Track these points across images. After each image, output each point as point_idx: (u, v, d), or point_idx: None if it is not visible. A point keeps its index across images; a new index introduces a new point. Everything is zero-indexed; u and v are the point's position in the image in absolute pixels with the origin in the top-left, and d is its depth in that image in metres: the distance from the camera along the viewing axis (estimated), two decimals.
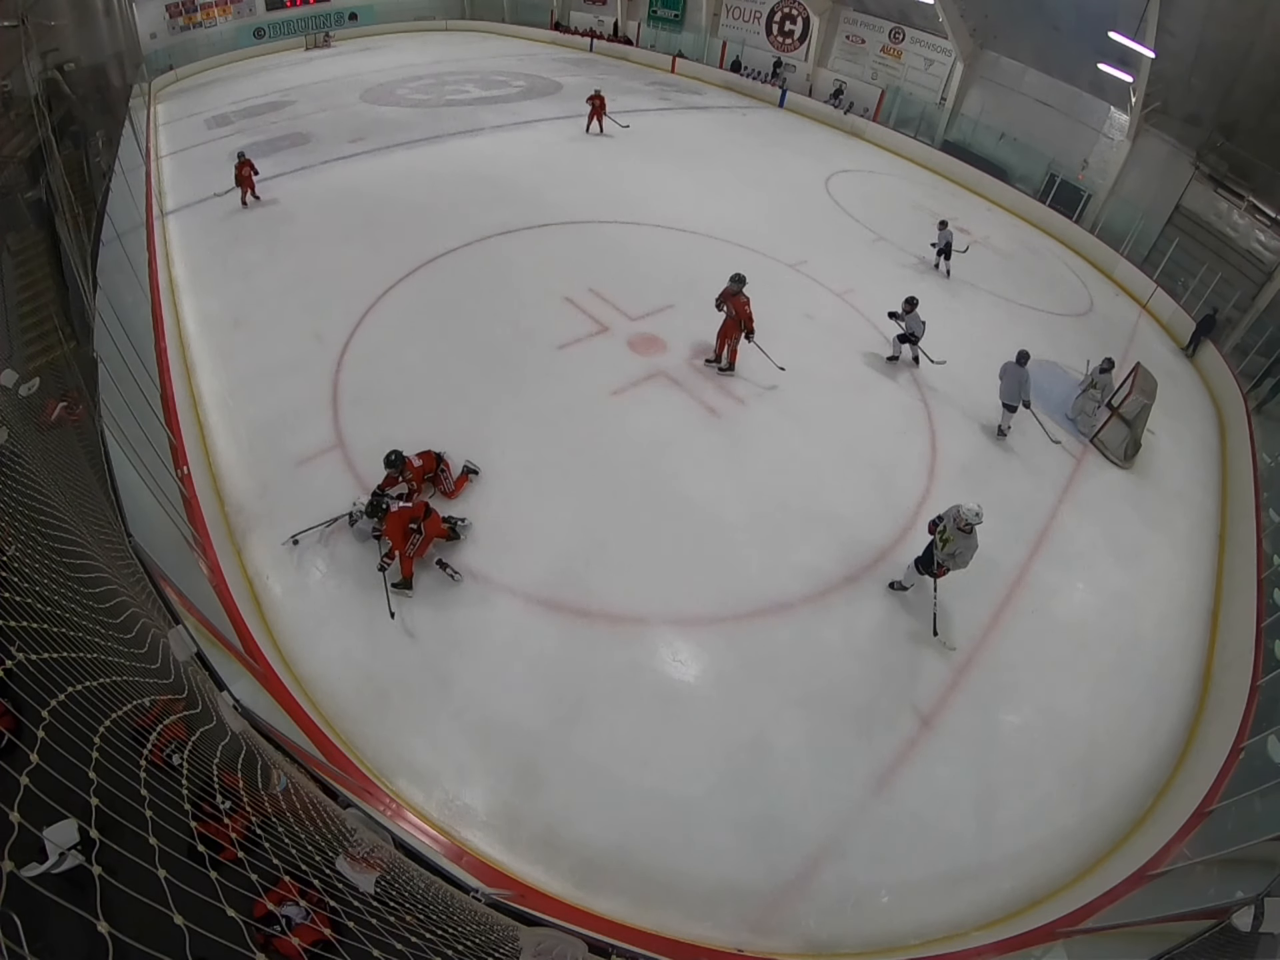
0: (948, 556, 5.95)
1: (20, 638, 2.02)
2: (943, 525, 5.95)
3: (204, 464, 7.12)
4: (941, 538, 5.94)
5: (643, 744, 5.27)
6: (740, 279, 8.72)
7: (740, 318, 8.66)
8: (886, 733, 5.58)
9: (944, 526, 5.92)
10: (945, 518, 5.96)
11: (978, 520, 5.70)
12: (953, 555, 5.93)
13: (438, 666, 5.62)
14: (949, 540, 5.88)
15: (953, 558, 5.95)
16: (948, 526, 5.88)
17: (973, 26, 17.74)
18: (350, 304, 9.63)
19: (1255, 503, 8.22)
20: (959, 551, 5.88)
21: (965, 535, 5.79)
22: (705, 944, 4.36)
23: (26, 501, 2.99)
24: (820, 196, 15.23)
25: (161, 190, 13.13)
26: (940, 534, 5.95)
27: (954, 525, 5.79)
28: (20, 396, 4.01)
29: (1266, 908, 3.09)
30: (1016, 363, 8.45)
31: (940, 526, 5.98)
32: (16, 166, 6.87)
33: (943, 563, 6.01)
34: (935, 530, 6.03)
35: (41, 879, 1.39)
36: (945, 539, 5.91)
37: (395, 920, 2.17)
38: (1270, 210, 12.42)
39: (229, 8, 24.38)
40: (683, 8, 24.81)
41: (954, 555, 5.92)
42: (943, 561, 6.00)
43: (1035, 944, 4.30)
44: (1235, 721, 5.67)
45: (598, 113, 16.71)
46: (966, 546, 5.85)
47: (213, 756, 2.57)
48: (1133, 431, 8.83)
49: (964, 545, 5.85)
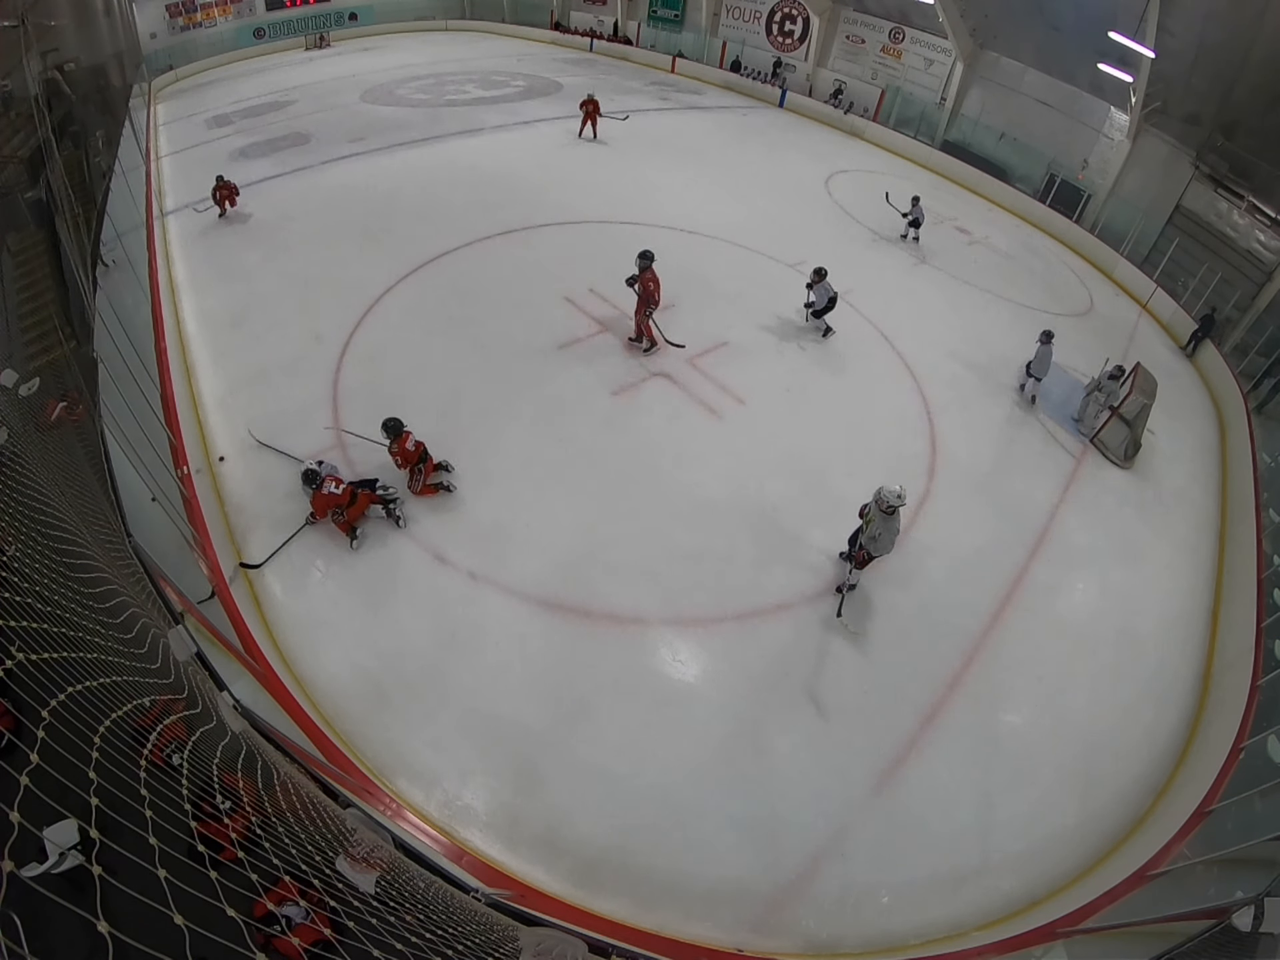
0: (869, 540, 5.86)
1: (20, 638, 2.02)
2: (868, 508, 5.89)
3: (204, 464, 7.12)
4: (865, 520, 5.87)
5: (643, 744, 5.28)
6: (648, 254, 8.77)
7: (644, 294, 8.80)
8: (886, 733, 5.58)
9: (868, 508, 5.86)
10: (871, 504, 5.90)
11: (900, 503, 5.61)
12: (874, 539, 5.82)
13: (438, 666, 5.62)
14: (871, 521, 5.79)
15: (874, 541, 5.82)
16: (871, 508, 5.82)
17: (973, 26, 17.74)
18: (350, 304, 9.63)
19: (1255, 503, 8.22)
20: (879, 534, 5.76)
21: (887, 518, 5.67)
22: (705, 944, 4.36)
23: (26, 501, 2.99)
24: (820, 196, 15.24)
25: (161, 190, 13.12)
26: (865, 517, 5.88)
27: (876, 507, 5.71)
28: (20, 396, 4.01)
29: (1266, 908, 3.09)
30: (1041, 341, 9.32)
31: (865, 512, 5.93)
32: (16, 166, 6.87)
33: (864, 546, 5.89)
34: (863, 516, 5.98)
35: (41, 879, 1.39)
36: (868, 520, 5.82)
37: (395, 920, 2.17)
38: (1270, 210, 12.41)
39: (229, 8, 24.38)
40: (683, 8, 24.81)
41: (875, 539, 5.81)
42: (864, 545, 5.89)
43: (1035, 944, 4.30)
44: (1235, 721, 5.67)
45: (591, 117, 16.50)
46: (887, 529, 5.72)
47: (213, 756, 2.57)
48: (1133, 431, 8.83)
49: (884, 528, 5.72)
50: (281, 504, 6.77)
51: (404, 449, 6.74)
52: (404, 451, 6.75)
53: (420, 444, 6.88)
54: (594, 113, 16.42)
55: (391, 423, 6.74)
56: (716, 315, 10.24)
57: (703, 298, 10.62)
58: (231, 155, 14.60)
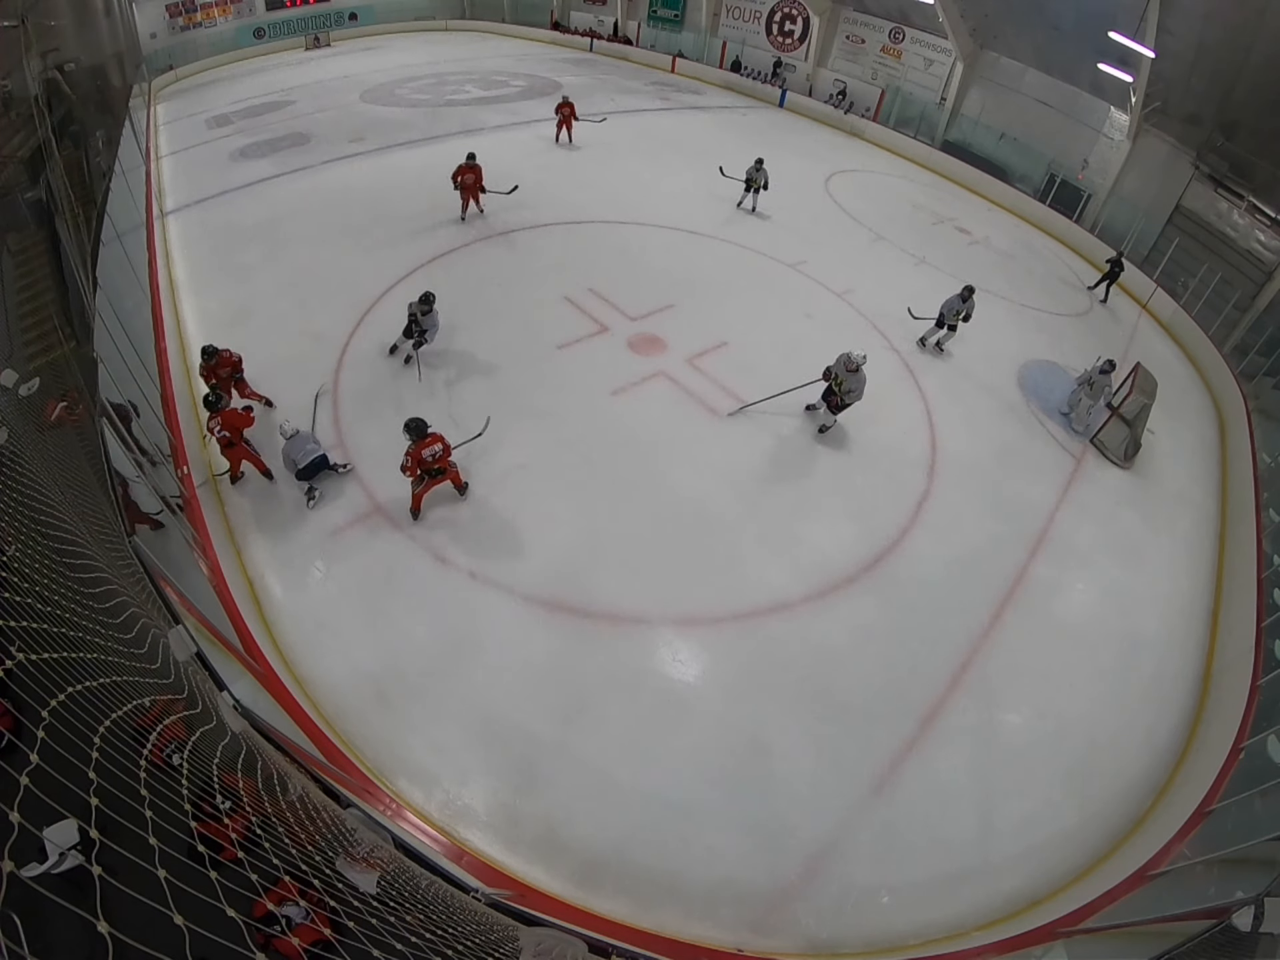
0: (846, 393, 7.68)
1: (20, 638, 2.02)
2: (835, 373, 7.65)
3: (204, 464, 7.12)
4: (836, 383, 7.66)
5: (643, 744, 5.28)
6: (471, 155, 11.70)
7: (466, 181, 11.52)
8: (886, 733, 5.58)
9: (836, 374, 7.62)
10: (834, 366, 7.71)
11: (863, 361, 7.51)
12: (850, 391, 7.65)
13: (438, 666, 5.62)
14: (842, 382, 7.59)
15: (850, 393, 7.66)
16: (839, 373, 7.58)
17: (973, 26, 17.73)
18: (350, 304, 9.63)
19: (1255, 503, 8.22)
20: (853, 388, 7.61)
21: (853, 375, 7.50)
22: (705, 944, 4.36)
23: (26, 501, 2.99)
24: (820, 196, 15.24)
25: (161, 190, 13.12)
26: (835, 380, 7.70)
27: (844, 370, 7.48)
28: (20, 396, 4.01)
29: (1266, 908, 3.09)
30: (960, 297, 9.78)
31: (833, 374, 7.74)
32: (16, 166, 6.87)
33: (845, 400, 7.74)
34: (830, 378, 7.81)
35: (41, 879, 1.39)
36: (839, 382, 7.63)
37: (395, 920, 2.17)
38: (1270, 210, 12.42)
39: (229, 8, 24.35)
40: (683, 8, 24.80)
41: (851, 391, 7.64)
42: (844, 399, 7.73)
43: (1035, 944, 4.30)
44: (1235, 721, 5.67)
45: (567, 121, 15.88)
46: (857, 382, 7.58)
47: (213, 756, 2.57)
48: (1133, 431, 8.83)
49: (855, 382, 7.56)
50: (282, 503, 6.77)
51: (419, 457, 6.24)
52: (418, 459, 6.24)
53: (443, 459, 6.39)
54: (570, 116, 15.87)
55: (414, 423, 6.24)
56: (716, 315, 10.24)
57: (702, 298, 10.62)
58: (231, 155, 14.59)
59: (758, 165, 13.40)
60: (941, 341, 10.29)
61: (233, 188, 12.96)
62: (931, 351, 10.28)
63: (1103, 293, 13.33)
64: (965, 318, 9.88)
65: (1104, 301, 13.29)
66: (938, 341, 10.33)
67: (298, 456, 6.51)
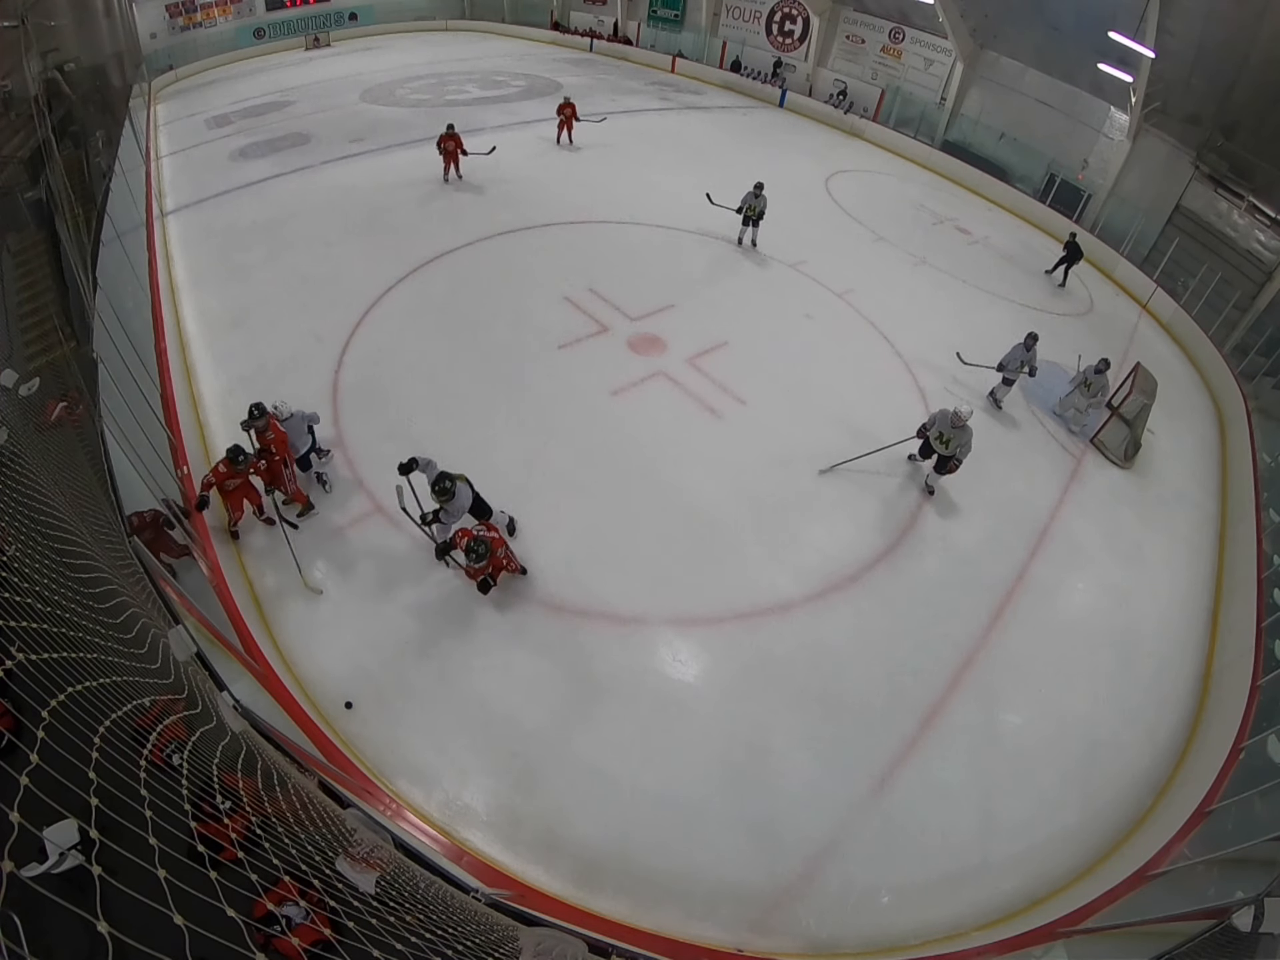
0: (957, 448, 7.09)
1: (20, 638, 2.02)
2: (936, 429, 7.08)
3: (204, 464, 7.11)
4: (941, 441, 7.08)
5: (643, 744, 5.27)
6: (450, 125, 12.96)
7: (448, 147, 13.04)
8: (887, 732, 5.58)
9: (940, 431, 7.05)
10: (935, 422, 7.13)
11: (969, 415, 7.01)
12: (961, 447, 7.10)
13: (438, 666, 5.62)
14: (950, 439, 7.03)
15: (961, 448, 7.12)
16: (943, 430, 7.04)
17: (973, 26, 17.73)
18: (350, 304, 9.63)
19: (1255, 503, 8.22)
20: (963, 444, 7.08)
21: (960, 430, 7.00)
22: (705, 944, 4.36)
23: (26, 501, 2.99)
24: (820, 196, 15.24)
25: (161, 190, 13.12)
26: (940, 439, 7.10)
27: (950, 426, 6.99)
28: (20, 396, 4.01)
29: (1266, 908, 3.09)
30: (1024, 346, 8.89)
31: (935, 431, 7.12)
32: (16, 166, 6.87)
33: (953, 456, 7.11)
34: (927, 434, 7.21)
35: (41, 879, 1.39)
36: (945, 440, 7.06)
37: (395, 920, 2.17)
38: (1270, 210, 12.42)
39: (229, 8, 24.35)
40: (683, 8, 24.80)
41: (961, 447, 7.10)
42: (953, 455, 7.11)
43: (1035, 944, 4.30)
44: (1235, 721, 5.67)
45: (568, 122, 15.83)
46: (965, 438, 7.05)
47: (213, 756, 2.57)
48: (1133, 431, 8.83)
49: (963, 438, 7.04)
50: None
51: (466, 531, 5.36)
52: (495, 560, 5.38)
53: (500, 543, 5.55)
54: (571, 117, 15.84)
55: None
56: (716, 315, 10.25)
57: (702, 298, 10.63)
58: (231, 155, 14.60)
59: (757, 191, 11.48)
60: (999, 397, 9.25)
61: (233, 188, 12.96)
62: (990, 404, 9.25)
63: (1060, 277, 13.35)
64: (1031, 371, 8.82)
65: (1062, 285, 13.31)
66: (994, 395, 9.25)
67: (299, 444, 6.54)
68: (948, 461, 7.19)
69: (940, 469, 7.34)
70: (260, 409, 6.02)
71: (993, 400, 9.31)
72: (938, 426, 7.03)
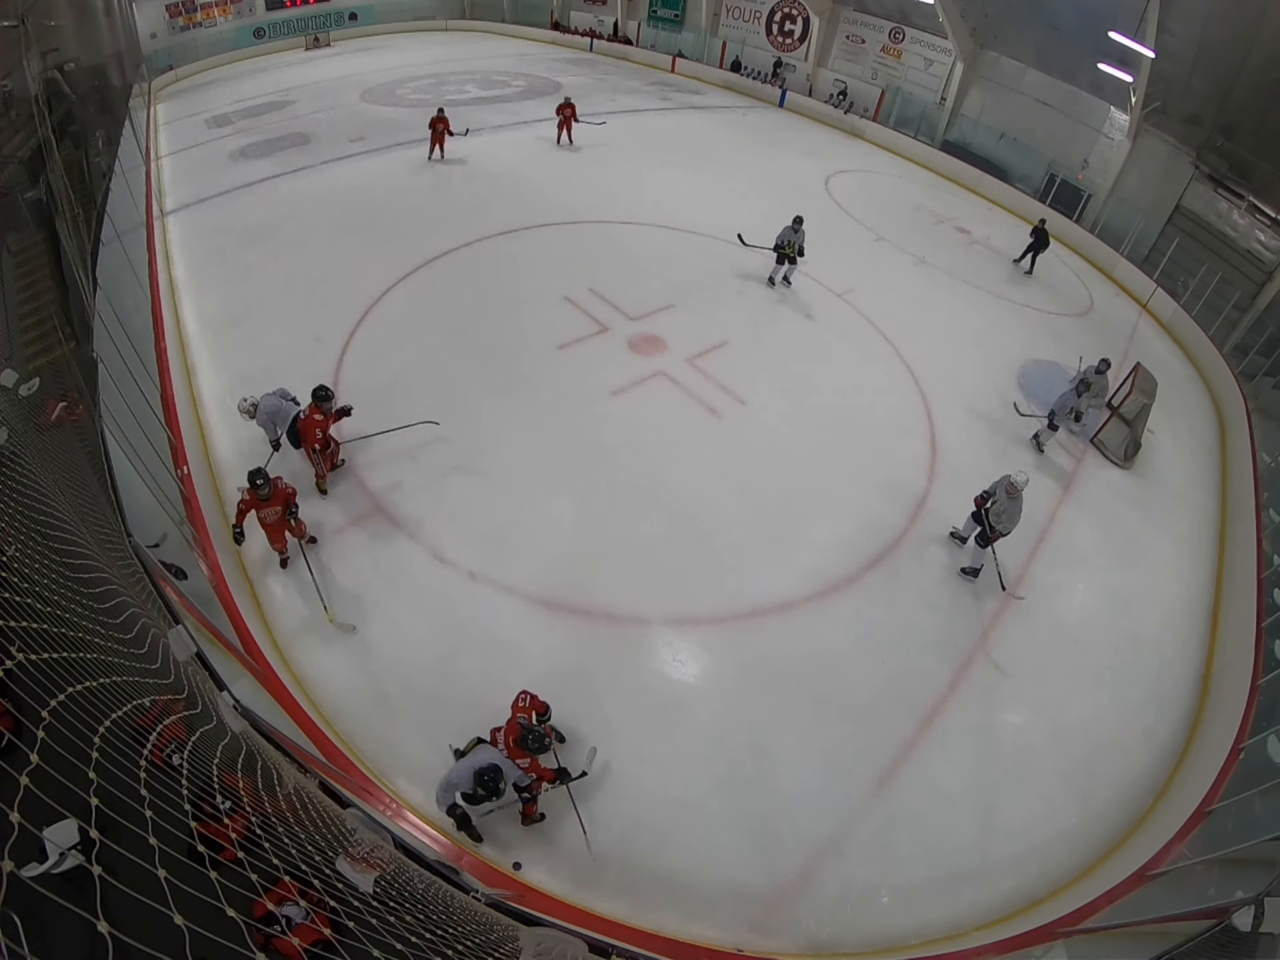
0: (998, 516, 6.55)
1: (20, 638, 2.02)
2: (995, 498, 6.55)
3: (204, 464, 7.12)
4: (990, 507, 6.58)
5: (643, 743, 5.28)
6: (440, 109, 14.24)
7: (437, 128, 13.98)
8: (886, 732, 5.58)
9: (996, 498, 6.54)
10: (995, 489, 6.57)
11: (1025, 485, 6.39)
12: (1001, 514, 6.53)
13: (438, 666, 5.62)
14: (996, 502, 6.55)
15: (1002, 516, 6.54)
16: (999, 497, 6.52)
17: (973, 26, 17.73)
18: (350, 304, 9.63)
19: (1255, 503, 8.22)
20: (1004, 511, 6.51)
21: (1012, 500, 6.44)
22: (705, 944, 4.36)
23: (26, 501, 2.99)
24: (820, 196, 15.23)
25: (161, 190, 13.11)
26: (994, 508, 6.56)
27: (1004, 494, 6.46)
28: (20, 396, 4.00)
29: (1266, 908, 3.09)
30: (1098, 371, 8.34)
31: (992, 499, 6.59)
32: (16, 166, 6.86)
33: (995, 526, 6.58)
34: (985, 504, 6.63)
35: (41, 879, 1.39)
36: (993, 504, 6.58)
37: (395, 920, 2.17)
38: (1270, 210, 12.41)
39: (229, 8, 24.33)
40: (683, 8, 24.79)
41: (1003, 514, 6.53)
42: (997, 526, 6.58)
43: (1035, 944, 4.30)
44: (1235, 721, 5.67)
45: (568, 123, 15.79)
46: (1015, 508, 6.47)
47: (213, 756, 2.57)
48: (1133, 431, 8.83)
49: (1013, 508, 6.47)
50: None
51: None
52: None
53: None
54: (571, 118, 15.81)
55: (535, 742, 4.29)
56: (716, 315, 10.24)
57: (702, 298, 10.62)
58: (231, 155, 14.59)
59: (795, 225, 10.55)
60: (1043, 441, 8.72)
61: (233, 188, 12.95)
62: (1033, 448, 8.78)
63: (1028, 264, 13.38)
64: (1077, 418, 8.40)
65: (1029, 273, 13.35)
66: (1037, 439, 8.73)
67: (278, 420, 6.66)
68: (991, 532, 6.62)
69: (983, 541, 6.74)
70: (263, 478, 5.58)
71: (1035, 444, 8.73)
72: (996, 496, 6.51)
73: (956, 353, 10.30)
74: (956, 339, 10.59)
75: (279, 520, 5.82)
